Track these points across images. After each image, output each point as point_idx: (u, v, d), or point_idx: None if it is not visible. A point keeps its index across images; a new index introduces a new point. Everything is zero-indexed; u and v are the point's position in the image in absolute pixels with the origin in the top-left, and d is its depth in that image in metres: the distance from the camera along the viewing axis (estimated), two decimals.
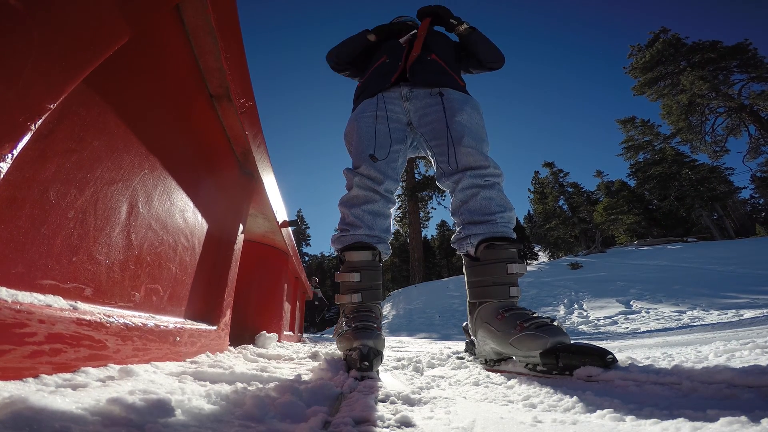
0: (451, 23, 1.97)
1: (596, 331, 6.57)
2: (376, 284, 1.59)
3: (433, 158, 1.78)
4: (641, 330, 5.45)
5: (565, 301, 9.95)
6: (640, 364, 0.98)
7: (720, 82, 26.80)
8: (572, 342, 1.09)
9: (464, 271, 1.55)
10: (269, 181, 1.85)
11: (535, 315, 1.23)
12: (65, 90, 0.58)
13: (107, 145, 0.76)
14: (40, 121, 0.54)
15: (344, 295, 1.55)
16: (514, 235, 1.51)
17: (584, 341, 1.16)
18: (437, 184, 1.78)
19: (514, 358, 1.29)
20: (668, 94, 29.08)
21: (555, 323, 1.15)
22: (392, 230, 1.80)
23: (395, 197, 1.79)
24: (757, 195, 37.26)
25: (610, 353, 0.97)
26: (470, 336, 1.59)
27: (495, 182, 1.57)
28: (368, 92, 1.86)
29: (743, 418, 0.49)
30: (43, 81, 0.54)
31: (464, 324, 1.69)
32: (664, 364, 1.05)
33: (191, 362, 1.03)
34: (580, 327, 7.24)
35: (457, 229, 1.61)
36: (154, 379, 0.68)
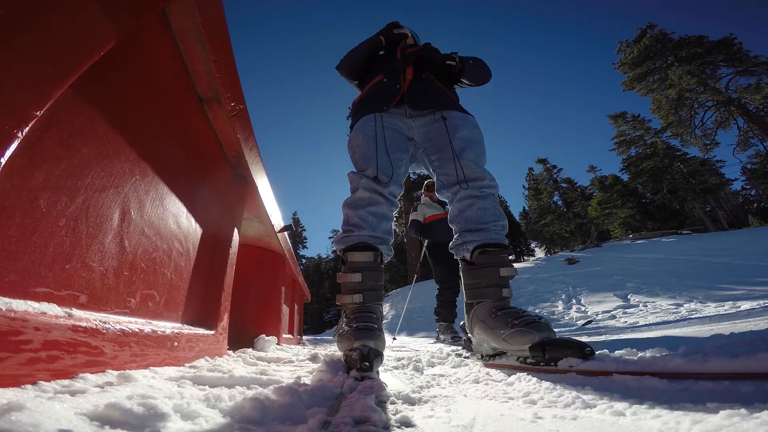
0: (448, 64, 1.96)
1: (595, 325, 6.60)
2: (378, 285, 1.60)
3: (433, 171, 1.87)
4: (640, 324, 5.46)
5: (563, 297, 9.98)
6: (613, 356, 1.03)
7: (707, 76, 27.03)
8: (557, 337, 1.20)
9: (461, 274, 1.66)
10: (263, 184, 1.84)
11: (525, 313, 1.35)
12: (51, 96, 0.57)
13: (97, 152, 0.76)
14: (27, 128, 0.53)
15: (345, 296, 1.55)
16: (506, 242, 1.63)
17: (569, 336, 1.25)
18: (437, 194, 1.87)
19: (507, 352, 1.38)
20: (657, 89, 29.29)
21: (542, 320, 1.26)
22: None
23: (398, 201, 1.81)
24: (748, 186, 37.58)
25: (589, 346, 1.07)
26: (467, 334, 1.70)
27: (490, 193, 1.68)
28: (370, 109, 1.89)
29: (743, 410, 0.49)
30: (28, 88, 0.53)
31: (461, 323, 1.76)
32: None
33: (190, 367, 1.02)
34: (578, 322, 7.26)
35: (455, 236, 1.71)
36: (152, 384, 0.67)
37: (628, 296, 8.57)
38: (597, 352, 1.09)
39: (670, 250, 14.34)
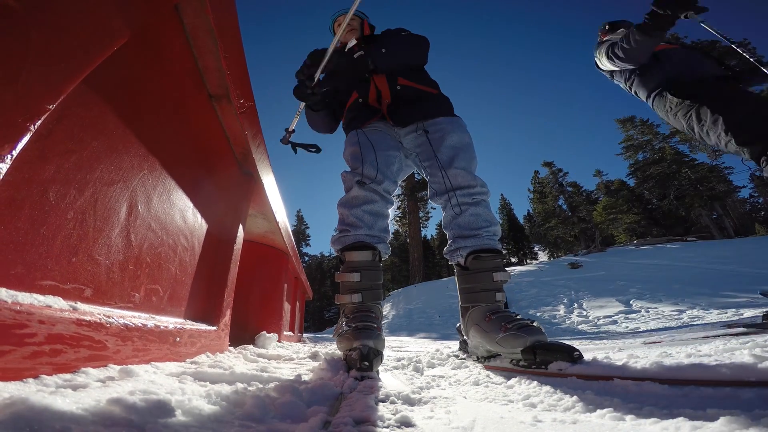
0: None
1: (596, 330, 6.58)
2: (377, 284, 1.60)
3: (426, 177, 1.88)
4: (641, 329, 5.45)
5: (565, 301, 9.96)
6: (602, 360, 1.04)
7: None
8: (548, 341, 1.22)
9: (456, 279, 1.69)
10: (269, 182, 1.85)
11: (518, 317, 1.37)
12: (64, 91, 0.58)
13: (106, 146, 0.76)
14: (39, 121, 0.54)
15: (344, 295, 1.56)
16: (499, 247, 1.66)
17: (567, 340, 1.26)
18: (430, 201, 1.87)
19: (501, 354, 1.40)
20: None
21: (535, 324, 1.28)
22: (391, 230, 1.81)
23: (393, 198, 1.82)
24: (756, 194, 37.37)
25: (577, 350, 1.09)
26: (463, 336, 1.72)
27: (482, 200, 1.70)
28: (353, 128, 1.89)
29: (743, 417, 0.49)
30: (41, 82, 0.53)
31: (458, 325, 1.79)
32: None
33: (191, 362, 1.03)
34: (580, 326, 7.24)
35: (449, 242, 1.73)
36: (154, 380, 0.68)
37: (631, 302, 8.54)
38: (586, 357, 1.11)
39: (674, 257, 14.28)
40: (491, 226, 1.65)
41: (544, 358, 1.13)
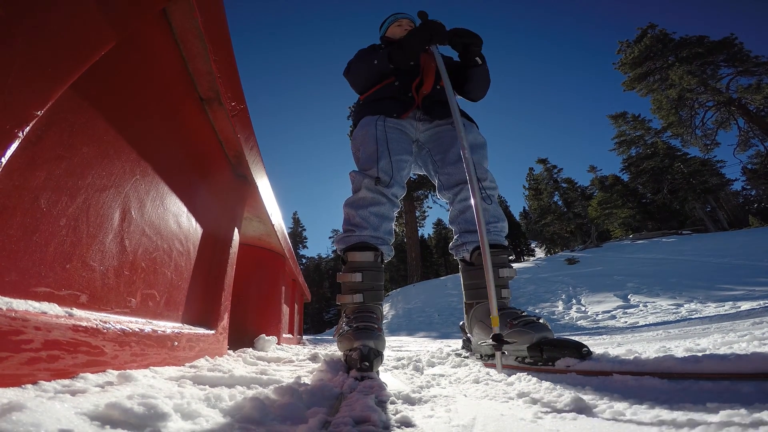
0: (476, 61, 1.80)
1: (595, 325, 6.59)
2: (378, 285, 1.60)
3: (435, 172, 1.87)
4: (640, 324, 5.46)
5: (563, 297, 9.97)
6: (613, 356, 1.03)
7: (708, 76, 27.04)
8: (555, 337, 1.20)
9: (461, 274, 1.68)
10: (263, 184, 1.84)
11: (523, 314, 1.35)
12: (52, 96, 0.57)
13: (97, 152, 0.76)
14: (28, 128, 0.53)
15: (346, 296, 1.56)
16: (506, 243, 1.65)
17: (568, 336, 1.26)
18: (438, 195, 1.87)
19: (506, 352, 1.37)
20: (658, 89, 29.32)
21: (541, 321, 1.27)
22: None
23: (399, 202, 1.81)
24: (748, 187, 37.72)
25: (585, 346, 1.08)
26: (466, 334, 1.70)
27: (491, 194, 1.68)
28: (378, 110, 1.86)
29: (742, 410, 0.49)
30: (28, 87, 0.53)
31: (461, 323, 1.77)
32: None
33: (190, 366, 1.02)
34: (579, 322, 7.25)
35: (455, 237, 1.72)
36: (153, 384, 0.67)
37: (628, 296, 8.57)
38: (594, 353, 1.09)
39: (670, 251, 14.36)
40: (499, 222, 1.64)
41: (552, 355, 1.11)
